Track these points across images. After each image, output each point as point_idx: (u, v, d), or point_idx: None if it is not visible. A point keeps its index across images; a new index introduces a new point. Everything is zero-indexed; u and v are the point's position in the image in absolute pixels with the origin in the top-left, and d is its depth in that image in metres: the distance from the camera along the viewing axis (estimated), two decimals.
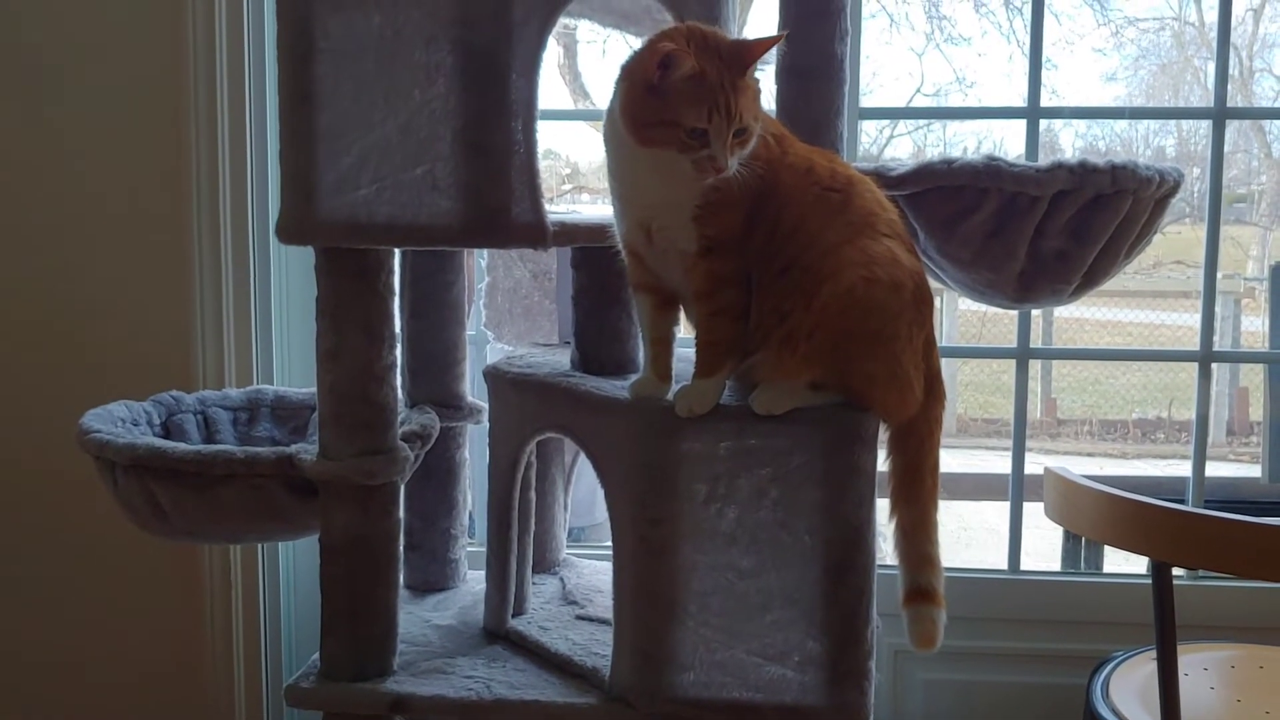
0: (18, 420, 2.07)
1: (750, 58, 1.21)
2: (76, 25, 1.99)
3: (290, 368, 2.12)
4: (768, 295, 1.29)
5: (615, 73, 1.27)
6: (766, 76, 1.52)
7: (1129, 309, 8.48)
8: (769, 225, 1.28)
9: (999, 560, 2.18)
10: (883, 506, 1.35)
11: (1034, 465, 1.92)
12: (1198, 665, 1.78)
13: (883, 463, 1.35)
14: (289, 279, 2.10)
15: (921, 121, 9.20)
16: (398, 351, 1.48)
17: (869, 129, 8.26)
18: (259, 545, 2.09)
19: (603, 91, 1.30)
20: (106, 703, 2.13)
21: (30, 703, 2.13)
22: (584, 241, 1.45)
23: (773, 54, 1.50)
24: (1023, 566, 2.16)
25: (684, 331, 1.39)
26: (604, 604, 1.62)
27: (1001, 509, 2.29)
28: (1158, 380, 7.87)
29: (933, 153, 7.46)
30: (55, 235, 2.03)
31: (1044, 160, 1.49)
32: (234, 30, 1.98)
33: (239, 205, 2.02)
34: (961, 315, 7.70)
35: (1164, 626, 1.49)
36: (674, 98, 1.20)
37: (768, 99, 1.50)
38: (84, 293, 2.04)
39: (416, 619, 1.67)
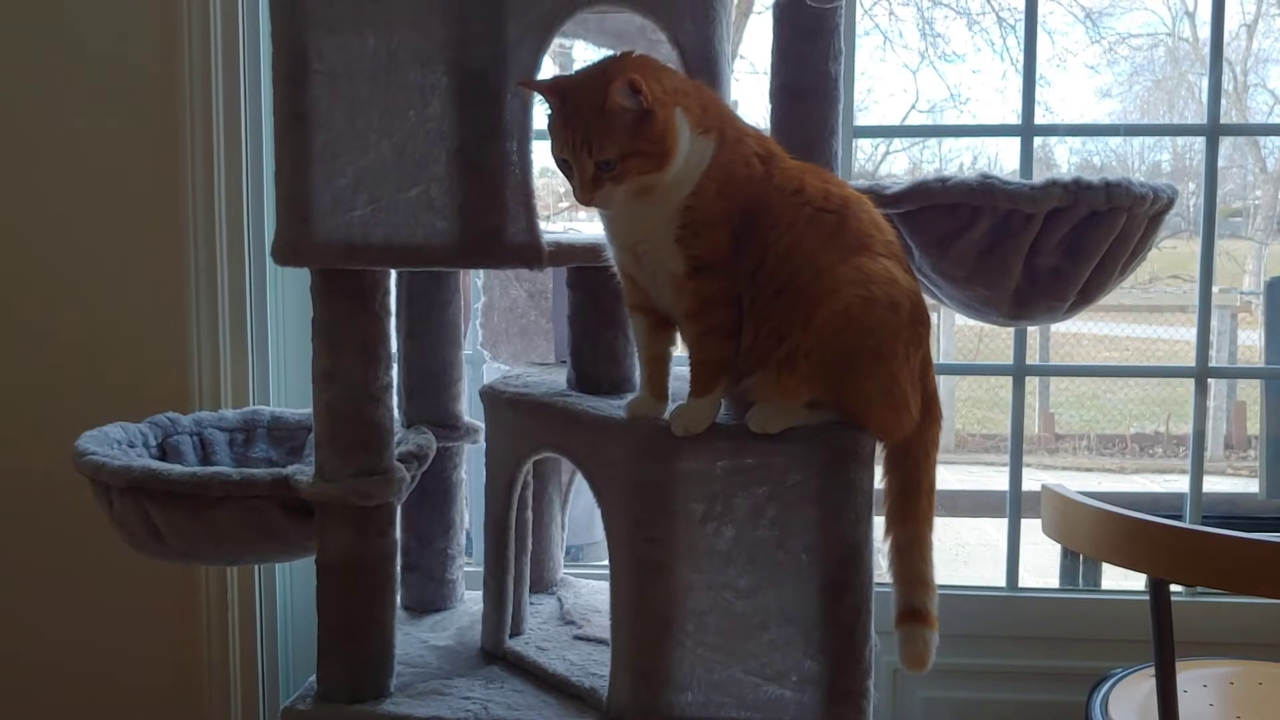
0: (13, 442, 2.07)
1: (603, 94, 1.19)
2: (69, 47, 1.99)
3: (286, 388, 2.12)
4: (765, 317, 1.28)
5: None
6: (762, 96, 1.53)
7: (1126, 323, 8.49)
8: (760, 247, 1.28)
9: (997, 577, 2.18)
10: (878, 524, 1.35)
11: (1033, 481, 1.92)
12: (1197, 682, 1.78)
13: (879, 481, 1.35)
14: (285, 300, 2.10)
15: (916, 138, 9.23)
16: (394, 372, 1.48)
17: (864, 145, 8.28)
18: (255, 567, 2.08)
19: None
20: None
21: None
22: (580, 261, 1.45)
23: (768, 73, 1.51)
24: (1021, 583, 2.15)
25: (682, 350, 1.39)
26: (601, 624, 1.61)
27: (1000, 525, 2.29)
28: (1155, 394, 7.88)
29: (928, 168, 7.50)
30: (50, 257, 2.03)
31: (1038, 178, 1.49)
32: (229, 52, 1.99)
33: (234, 227, 2.02)
34: (959, 331, 7.70)
35: (1162, 643, 1.49)
36: (553, 127, 1.25)
37: (763, 119, 1.51)
38: (79, 314, 2.04)
39: (414, 640, 1.66)
